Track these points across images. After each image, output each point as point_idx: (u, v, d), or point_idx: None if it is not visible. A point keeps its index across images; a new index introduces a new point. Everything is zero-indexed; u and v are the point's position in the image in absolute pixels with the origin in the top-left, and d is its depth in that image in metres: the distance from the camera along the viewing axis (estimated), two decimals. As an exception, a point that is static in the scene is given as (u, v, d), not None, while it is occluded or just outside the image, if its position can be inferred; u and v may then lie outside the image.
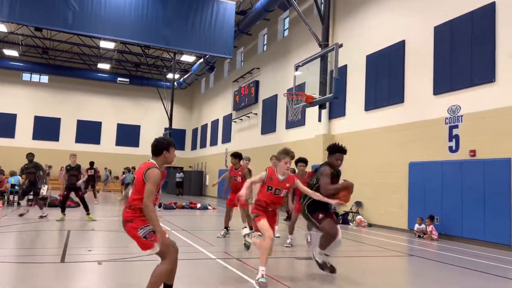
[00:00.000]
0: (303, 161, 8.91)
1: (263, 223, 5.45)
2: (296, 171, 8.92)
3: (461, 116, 10.76)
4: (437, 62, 11.65)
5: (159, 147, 4.25)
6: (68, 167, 11.82)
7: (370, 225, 13.50)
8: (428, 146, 11.70)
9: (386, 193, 13.13)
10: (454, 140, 10.91)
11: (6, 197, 15.26)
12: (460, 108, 10.82)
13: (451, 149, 10.98)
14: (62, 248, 7.19)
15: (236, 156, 9.38)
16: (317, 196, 5.69)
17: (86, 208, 11.76)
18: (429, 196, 11.40)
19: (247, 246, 5.94)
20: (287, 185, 5.67)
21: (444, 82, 11.33)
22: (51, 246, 7.86)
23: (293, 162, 6.26)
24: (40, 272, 5.57)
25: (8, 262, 6.06)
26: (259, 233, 5.68)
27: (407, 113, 12.61)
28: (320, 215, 5.88)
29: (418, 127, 12.10)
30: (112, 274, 5.73)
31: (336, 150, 6.25)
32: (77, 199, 16.77)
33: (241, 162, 9.50)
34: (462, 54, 10.88)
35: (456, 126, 10.87)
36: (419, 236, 11.00)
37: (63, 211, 11.54)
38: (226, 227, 9.49)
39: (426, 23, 12.15)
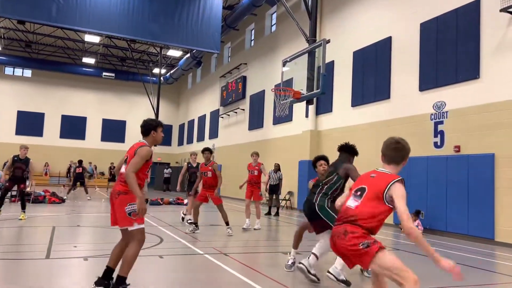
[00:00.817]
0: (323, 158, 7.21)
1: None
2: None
3: (446, 112, 10.91)
4: (423, 58, 11.77)
5: (147, 128, 4.57)
6: (15, 158, 10.51)
7: (356, 220, 13.61)
8: (414, 142, 11.79)
9: (372, 188, 13.25)
10: (439, 135, 11.06)
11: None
12: (445, 104, 10.96)
13: (436, 145, 11.12)
14: (47, 245, 7.08)
15: (209, 150, 9.40)
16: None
17: (23, 205, 10.51)
18: (414, 191, 11.53)
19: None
20: None
21: (430, 78, 11.46)
22: (35, 242, 7.74)
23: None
24: (26, 269, 5.48)
25: (-9, 258, 5.95)
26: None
27: (393, 109, 12.73)
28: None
29: (404, 123, 12.23)
30: (98, 270, 5.65)
31: (356, 153, 6.55)
32: (61, 195, 16.59)
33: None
34: (447, 51, 11.01)
35: (441, 122, 11.01)
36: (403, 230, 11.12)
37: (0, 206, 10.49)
38: (195, 223, 9.19)
39: (412, 20, 12.26)
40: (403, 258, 7.65)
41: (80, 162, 18.78)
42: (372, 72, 13.64)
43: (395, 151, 3.54)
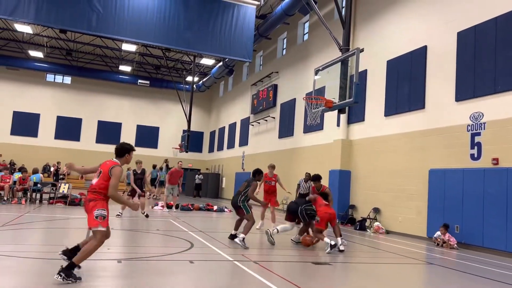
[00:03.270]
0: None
1: None
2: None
3: (484, 123, 10.57)
4: (459, 68, 11.48)
5: (123, 150, 5.41)
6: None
7: (388, 232, 13.35)
8: (449, 153, 11.52)
9: (405, 200, 12.97)
10: (476, 147, 10.72)
11: (28, 195, 15.62)
12: (483, 115, 10.63)
13: (472, 157, 10.79)
14: (82, 246, 7.31)
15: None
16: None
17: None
18: (449, 204, 11.21)
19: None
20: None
21: (467, 88, 11.16)
22: (71, 244, 8.01)
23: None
24: (62, 268, 5.68)
25: (31, 258, 6.21)
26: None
27: (428, 120, 12.45)
28: None
29: (439, 134, 11.93)
30: (131, 272, 5.81)
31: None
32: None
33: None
34: (486, 60, 10.70)
35: (479, 134, 10.68)
36: (438, 245, 10.81)
37: None
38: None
39: (449, 29, 12.00)
40: (438, 273, 7.44)
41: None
42: (407, 82, 13.41)
43: None
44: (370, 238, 12.08)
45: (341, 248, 8.60)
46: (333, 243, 8.37)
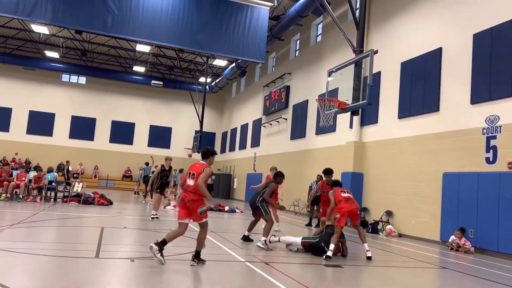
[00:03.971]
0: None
1: None
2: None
3: (500, 126, 10.41)
4: (475, 70, 11.34)
5: (208, 153, 6.61)
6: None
7: (400, 235, 13.23)
8: (464, 157, 11.37)
9: (418, 203, 12.84)
10: (491, 151, 10.57)
11: (43, 193, 15.86)
12: (498, 118, 10.47)
13: (488, 160, 10.63)
14: (96, 244, 7.41)
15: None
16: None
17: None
18: (463, 208, 11.06)
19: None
20: None
21: (483, 91, 11.01)
22: (86, 242, 8.12)
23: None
24: (77, 267, 5.76)
25: (47, 255, 6.30)
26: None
27: (442, 122, 12.31)
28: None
29: (454, 137, 11.79)
30: (144, 271, 5.86)
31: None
32: (110, 197, 17.28)
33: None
34: (502, 63, 10.54)
35: (494, 137, 10.52)
36: (452, 249, 10.68)
37: None
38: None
39: (464, 31, 11.86)
40: (451, 277, 7.35)
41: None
42: (421, 84, 13.28)
43: None
44: (383, 241, 11.98)
45: (368, 254, 8.07)
46: (330, 254, 7.67)
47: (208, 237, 9.41)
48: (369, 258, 8.06)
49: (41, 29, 23.83)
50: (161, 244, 5.95)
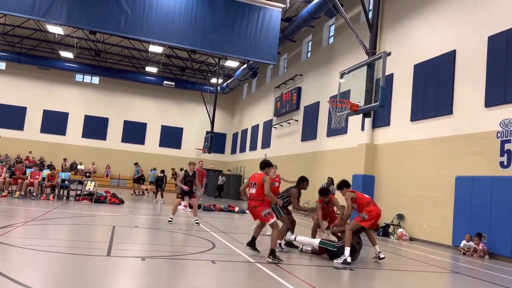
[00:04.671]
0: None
1: None
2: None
3: (515, 130, 10.26)
4: (490, 73, 11.19)
5: (265, 165, 7.49)
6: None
7: (411, 239, 13.10)
8: (477, 161, 11.23)
9: (430, 207, 12.71)
10: (506, 155, 10.41)
11: (56, 191, 16.06)
12: (514, 121, 10.32)
13: (502, 165, 10.48)
14: (108, 243, 7.48)
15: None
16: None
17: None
18: (477, 213, 10.92)
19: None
20: None
21: (497, 94, 10.86)
22: (98, 240, 8.20)
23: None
24: (88, 264, 5.82)
25: (60, 252, 6.38)
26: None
27: (455, 125, 12.18)
28: None
29: (467, 140, 11.65)
30: (155, 269, 5.90)
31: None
32: (121, 196, 17.43)
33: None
34: (518, 66, 10.38)
35: (509, 141, 10.37)
36: (464, 253, 10.55)
37: None
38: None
39: (479, 33, 11.72)
40: (463, 282, 7.26)
41: (163, 171, 21.15)
42: (434, 86, 13.15)
43: None
44: (393, 244, 11.88)
45: (381, 255, 8.03)
46: (349, 260, 7.48)
47: (218, 237, 9.45)
48: (382, 258, 7.99)
49: (56, 29, 24.17)
50: (251, 241, 7.47)
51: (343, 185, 8.48)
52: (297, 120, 23.11)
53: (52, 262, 5.83)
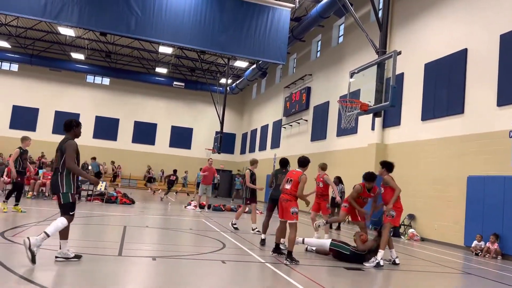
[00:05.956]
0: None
1: None
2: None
3: (528, 129, 10.12)
4: (502, 71, 11.05)
5: (305, 162, 7.59)
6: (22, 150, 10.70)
7: (423, 239, 13.00)
8: (490, 160, 11.09)
9: (441, 207, 12.59)
10: (519, 154, 10.28)
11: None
12: (527, 120, 10.18)
13: (515, 164, 10.34)
14: (119, 243, 7.55)
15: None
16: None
17: (18, 198, 10.76)
18: (489, 213, 10.79)
19: None
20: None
21: (510, 93, 10.72)
22: (109, 240, 8.28)
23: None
24: (100, 264, 5.88)
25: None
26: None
27: (467, 125, 12.05)
28: None
29: (479, 140, 11.52)
30: (166, 269, 5.94)
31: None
32: (132, 196, 17.56)
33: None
34: (531, 64, 10.24)
35: (522, 140, 10.23)
36: (476, 254, 10.44)
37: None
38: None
39: (491, 31, 11.58)
40: (476, 283, 7.19)
41: (175, 171, 21.62)
42: (445, 85, 13.03)
43: None
44: (404, 245, 11.80)
45: (397, 261, 7.86)
46: (377, 260, 7.36)
47: (228, 237, 9.48)
48: (397, 264, 7.84)
49: (67, 31, 24.43)
50: (276, 249, 7.34)
51: (387, 166, 8.28)
52: (306, 120, 23.05)
53: (65, 262, 5.90)
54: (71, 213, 5.63)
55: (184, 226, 11.37)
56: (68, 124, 6.09)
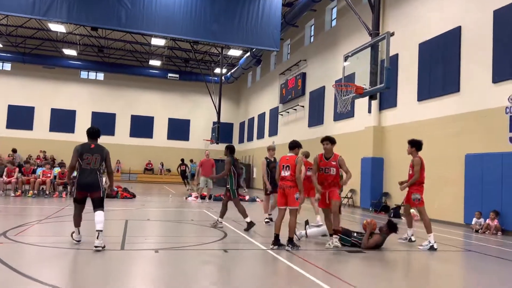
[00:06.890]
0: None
1: None
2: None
3: (524, 104, 10.13)
4: (496, 48, 11.01)
5: (294, 145, 7.40)
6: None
7: (423, 219, 13.07)
8: (486, 137, 11.12)
9: (440, 186, 12.65)
10: (515, 130, 10.30)
11: (68, 189, 16.24)
12: (522, 96, 10.18)
13: (511, 140, 10.37)
14: (121, 237, 7.59)
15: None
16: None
17: None
18: (487, 190, 10.85)
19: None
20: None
21: (505, 69, 10.70)
22: (111, 234, 8.30)
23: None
24: (103, 259, 5.92)
25: (74, 248, 6.49)
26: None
27: (463, 103, 12.05)
28: None
29: (476, 117, 11.53)
30: (168, 261, 5.98)
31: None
32: (133, 191, 17.59)
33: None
34: (525, 39, 10.20)
35: (518, 116, 10.24)
36: (476, 231, 10.53)
37: None
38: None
39: (484, 8, 11.51)
40: (475, 259, 7.26)
41: (182, 160, 22.03)
42: (440, 65, 12.99)
43: None
44: (405, 225, 11.87)
45: (413, 238, 8.53)
46: (431, 243, 7.80)
47: (230, 226, 9.53)
48: (413, 241, 8.48)
49: (58, 27, 24.21)
50: (276, 241, 6.97)
51: (416, 145, 9.16)
52: (303, 106, 23.02)
53: (68, 258, 5.93)
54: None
55: (185, 217, 11.42)
56: (97, 132, 6.83)
